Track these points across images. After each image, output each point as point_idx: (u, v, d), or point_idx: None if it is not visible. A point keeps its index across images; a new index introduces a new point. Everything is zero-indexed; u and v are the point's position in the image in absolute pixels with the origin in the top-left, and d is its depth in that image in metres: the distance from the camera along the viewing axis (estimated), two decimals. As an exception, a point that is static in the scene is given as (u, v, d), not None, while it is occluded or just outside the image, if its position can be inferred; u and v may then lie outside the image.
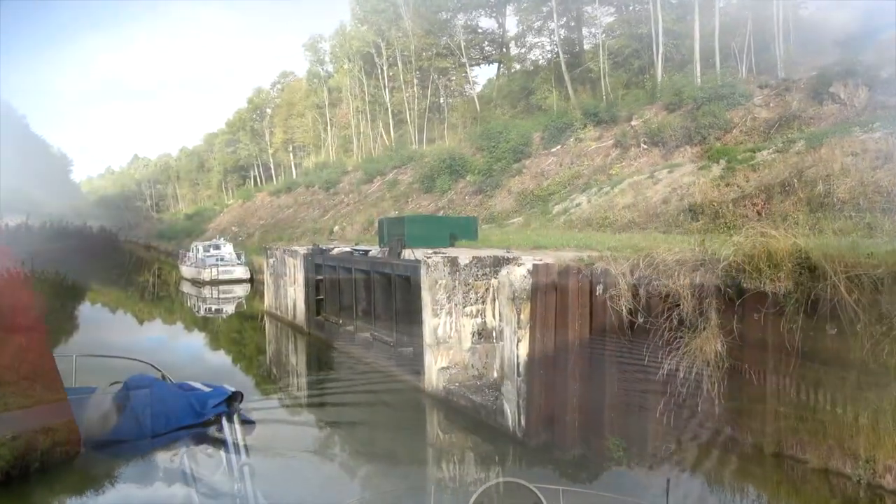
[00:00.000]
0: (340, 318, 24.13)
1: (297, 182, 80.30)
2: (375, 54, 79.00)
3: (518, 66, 71.45)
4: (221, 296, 48.97)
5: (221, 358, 28.29)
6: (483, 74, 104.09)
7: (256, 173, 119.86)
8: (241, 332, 35.49)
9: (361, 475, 13.79)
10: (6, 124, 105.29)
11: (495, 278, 17.05)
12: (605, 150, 38.23)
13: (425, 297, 17.36)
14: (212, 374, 20.14)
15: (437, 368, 17.04)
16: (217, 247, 54.44)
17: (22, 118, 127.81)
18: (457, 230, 23.38)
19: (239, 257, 52.98)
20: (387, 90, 79.46)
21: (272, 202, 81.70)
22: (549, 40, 63.69)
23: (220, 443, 11.18)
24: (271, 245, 34.54)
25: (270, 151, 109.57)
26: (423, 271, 17.50)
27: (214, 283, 50.00)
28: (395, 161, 62.91)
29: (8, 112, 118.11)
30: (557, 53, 61.94)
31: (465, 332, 17.12)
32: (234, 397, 12.86)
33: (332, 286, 25.53)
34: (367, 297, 22.65)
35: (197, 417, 12.49)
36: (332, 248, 27.18)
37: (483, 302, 17.21)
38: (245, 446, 10.18)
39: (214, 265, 50.87)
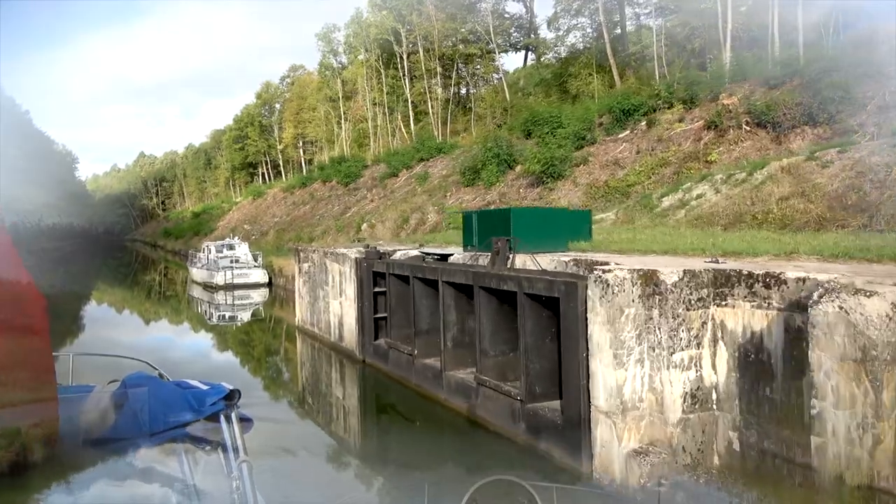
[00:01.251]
0: (415, 348, 17.18)
1: (313, 177, 73.26)
2: (394, 42, 72.04)
3: (549, 54, 64.58)
4: (237, 302, 42.06)
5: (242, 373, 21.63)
6: (509, 63, 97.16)
7: (264, 170, 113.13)
8: (264, 346, 28.67)
9: (360, 473, 13.93)
10: (8, 120, 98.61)
11: (719, 306, 10.14)
12: (693, 134, 31.29)
13: (597, 334, 10.44)
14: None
15: (622, 451, 10.11)
16: (231, 247, 47.36)
17: (25, 114, 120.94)
18: (568, 228, 16.54)
19: (255, 259, 45.98)
20: (407, 79, 72.53)
21: (285, 198, 74.68)
22: (589, 21, 56.67)
23: (219, 440, 10.16)
24: (303, 246, 27.41)
25: (280, 147, 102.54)
26: (592, 292, 10.56)
27: (229, 287, 43.07)
28: (422, 153, 56.04)
29: (11, 108, 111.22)
30: (597, 36, 55.31)
31: (673, 394, 10.22)
32: (233, 395, 11.35)
33: (400, 302, 18.58)
34: (462, 322, 15.72)
35: (195, 415, 11.32)
36: (394, 251, 20.24)
37: (699, 345, 10.30)
38: (243, 444, 9.20)
39: (228, 268, 43.89)
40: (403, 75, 72.58)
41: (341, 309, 21.87)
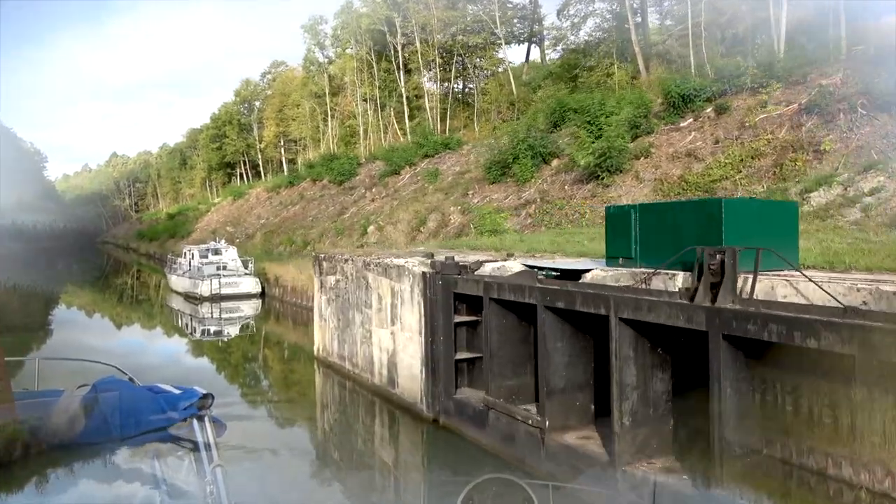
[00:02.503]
0: (545, 415, 10.71)
1: (301, 176, 66.29)
2: (388, 32, 65.49)
3: (558, 46, 58.37)
4: (225, 315, 35.21)
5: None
6: (511, 56, 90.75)
7: (243, 170, 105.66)
8: (268, 375, 21.89)
9: (336, 477, 12.75)
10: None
11: None
12: (787, 119, 25.22)
13: None
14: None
15: None
16: (217, 251, 40.30)
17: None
18: (777, 231, 10.23)
19: (245, 265, 39.06)
20: (401, 73, 65.96)
21: (270, 199, 67.63)
22: (608, 6, 50.55)
23: (192, 445, 10.19)
24: (329, 253, 20.49)
25: (261, 146, 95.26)
26: None
27: (215, 298, 36.15)
28: (426, 149, 49.55)
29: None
30: (617, 24, 49.37)
31: None
32: (206, 399, 11.55)
33: (507, 340, 12.05)
34: (645, 382, 9.31)
35: (167, 420, 11.54)
36: (478, 264, 13.74)
37: None
38: (216, 448, 9.46)
39: (215, 275, 36.93)
40: (398, 68, 66.02)
41: (394, 342, 15.30)
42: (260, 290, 37.19)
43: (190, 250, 40.78)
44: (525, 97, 55.10)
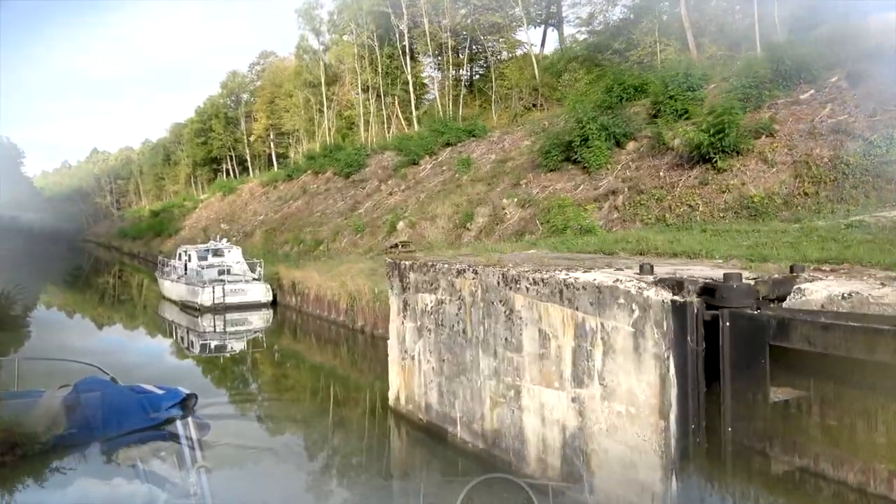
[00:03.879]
0: None
1: (300, 168, 59.17)
2: (392, 14, 58.71)
3: (588, 22, 51.85)
4: (230, 328, 28.35)
5: None
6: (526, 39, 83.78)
7: (230, 166, 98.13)
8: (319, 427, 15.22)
9: (323, 476, 11.66)
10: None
11: None
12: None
13: None
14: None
15: None
16: (218, 252, 33.21)
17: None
18: None
19: (252, 268, 32.07)
20: (407, 57, 59.16)
21: (266, 193, 60.44)
22: (648, -20, 44.14)
23: (175, 445, 9.93)
24: (421, 259, 13.17)
25: (251, 139, 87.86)
26: None
27: (219, 309, 29.21)
28: (447, 137, 42.93)
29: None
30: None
31: None
32: (189, 399, 11.39)
33: None
34: None
35: (150, 420, 11.13)
36: (772, 281, 7.26)
37: None
38: (201, 448, 9.31)
39: (217, 281, 29.94)
40: (403, 53, 59.18)
41: (580, 415, 8.66)
42: (271, 298, 30.28)
43: (186, 251, 33.54)
44: (549, 82, 48.70)
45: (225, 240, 35.72)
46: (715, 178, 21.60)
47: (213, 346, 25.70)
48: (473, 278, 10.95)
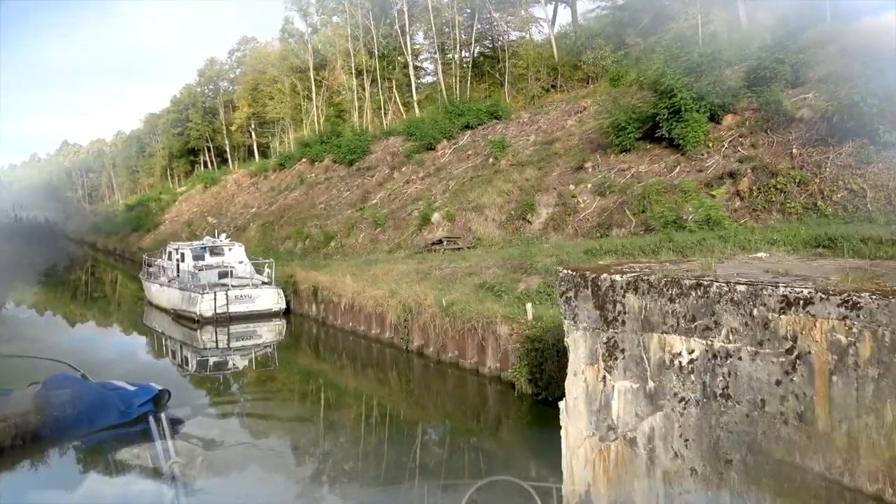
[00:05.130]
0: None
1: (292, 156, 52.89)
2: (390, -9, 52.92)
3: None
4: (235, 343, 22.51)
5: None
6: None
7: (208, 157, 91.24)
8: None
9: (297, 473, 10.95)
10: None
11: None
12: None
13: None
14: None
15: None
16: (216, 250, 27.10)
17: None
18: None
19: (259, 270, 26.06)
20: (408, 37, 53.32)
21: (256, 184, 54.14)
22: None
23: (148, 442, 9.34)
24: (681, 272, 7.50)
25: (233, 129, 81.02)
26: None
27: (222, 320, 23.30)
28: (466, 118, 37.36)
29: None
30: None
31: None
32: (162, 396, 10.93)
33: None
34: None
35: (122, 417, 10.70)
36: None
37: None
38: (174, 445, 8.72)
39: (219, 286, 24.03)
40: (402, 32, 53.30)
41: None
42: (284, 305, 24.39)
43: (178, 249, 27.24)
44: (570, 61, 43.34)
45: (224, 235, 29.51)
46: (881, 155, 16.25)
47: (215, 364, 19.88)
48: (846, 319, 5.35)
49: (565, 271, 8.26)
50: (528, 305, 13.41)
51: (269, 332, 23.64)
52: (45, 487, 9.48)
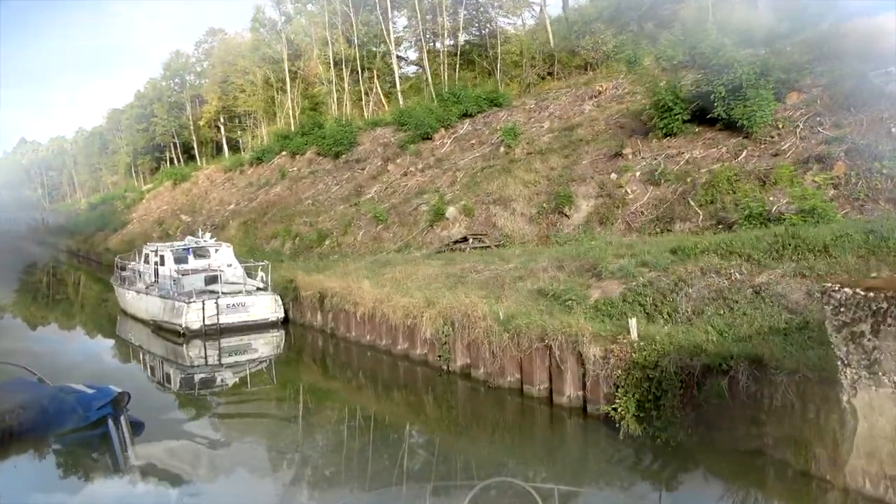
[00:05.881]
0: None
1: (270, 150, 49.04)
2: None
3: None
4: (226, 359, 19.12)
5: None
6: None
7: (174, 154, 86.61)
8: None
9: (267, 474, 10.59)
10: None
11: None
12: None
13: None
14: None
15: None
16: (201, 252, 23.49)
17: None
18: None
19: (251, 274, 22.56)
20: (390, 23, 49.91)
21: (231, 179, 50.24)
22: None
23: (107, 446, 9.04)
24: None
25: (201, 123, 76.56)
26: None
27: (211, 332, 19.84)
28: (465, 106, 34.28)
29: None
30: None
31: None
32: (121, 398, 10.08)
33: None
34: None
35: (80, 421, 10.04)
36: None
37: None
38: (133, 449, 8.64)
39: (207, 293, 20.56)
40: (386, 18, 49.84)
41: None
42: (282, 314, 20.98)
43: (156, 250, 23.47)
44: (567, 47, 40.45)
45: (209, 234, 25.83)
46: None
47: (210, 385, 16.50)
48: None
49: (844, 290, 5.15)
50: (633, 321, 10.35)
51: (266, 346, 20.22)
52: (-1, 494, 8.80)
